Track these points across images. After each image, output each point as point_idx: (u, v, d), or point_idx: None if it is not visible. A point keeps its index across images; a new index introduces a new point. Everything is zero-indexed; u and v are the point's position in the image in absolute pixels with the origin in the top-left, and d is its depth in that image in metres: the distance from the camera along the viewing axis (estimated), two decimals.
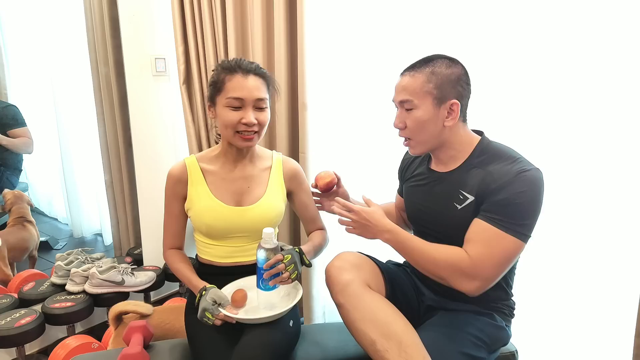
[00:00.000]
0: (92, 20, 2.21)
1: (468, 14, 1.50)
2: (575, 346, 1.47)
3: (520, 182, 1.05)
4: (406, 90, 1.15)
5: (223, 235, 1.30)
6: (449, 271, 1.10)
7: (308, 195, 1.44)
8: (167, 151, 2.38)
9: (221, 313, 1.15)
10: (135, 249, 2.43)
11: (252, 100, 1.22)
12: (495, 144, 1.19)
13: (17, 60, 2.22)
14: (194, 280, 1.27)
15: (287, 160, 1.41)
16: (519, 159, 1.11)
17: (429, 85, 1.12)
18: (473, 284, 1.08)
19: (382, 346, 1.03)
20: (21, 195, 2.16)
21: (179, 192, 1.31)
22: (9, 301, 1.91)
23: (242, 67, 1.23)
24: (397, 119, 1.20)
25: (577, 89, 1.36)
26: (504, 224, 1.06)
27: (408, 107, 1.15)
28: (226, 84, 1.22)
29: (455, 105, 1.13)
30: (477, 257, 1.07)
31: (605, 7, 1.28)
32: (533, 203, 1.06)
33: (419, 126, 1.15)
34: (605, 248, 1.38)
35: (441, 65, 1.13)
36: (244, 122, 1.21)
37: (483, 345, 1.13)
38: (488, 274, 1.08)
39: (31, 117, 2.18)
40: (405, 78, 1.17)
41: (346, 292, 1.11)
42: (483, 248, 1.07)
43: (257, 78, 1.23)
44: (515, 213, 1.06)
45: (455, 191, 1.16)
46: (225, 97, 1.21)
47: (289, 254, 1.16)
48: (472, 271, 1.07)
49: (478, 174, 1.13)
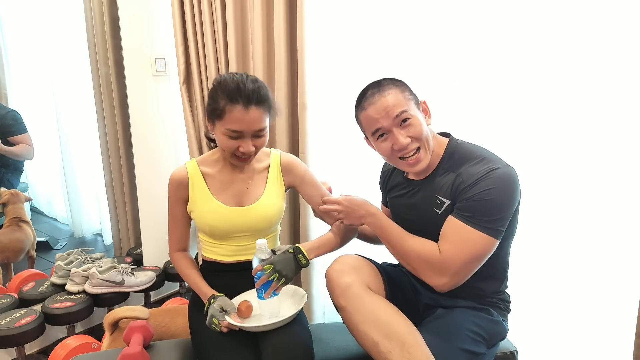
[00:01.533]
0: (92, 20, 2.22)
1: (467, 14, 1.50)
2: (575, 346, 1.47)
3: (489, 179, 1.08)
4: (395, 105, 1.13)
5: (226, 235, 1.32)
6: (419, 263, 1.13)
7: (313, 186, 1.39)
8: (167, 151, 2.38)
9: (225, 321, 1.18)
10: (135, 249, 2.43)
11: (250, 132, 1.21)
12: (464, 144, 1.21)
13: (17, 61, 2.22)
14: (204, 288, 1.31)
15: (283, 155, 1.40)
16: (487, 157, 1.13)
17: (405, 94, 1.16)
18: (441, 280, 1.10)
19: (385, 347, 1.03)
20: (17, 194, 2.15)
21: (181, 196, 1.33)
22: (9, 301, 1.91)
23: (243, 96, 1.17)
24: (400, 137, 1.13)
25: (577, 89, 1.37)
26: (473, 220, 1.07)
27: (405, 117, 1.13)
28: (226, 114, 1.18)
29: (424, 103, 1.20)
30: (446, 253, 1.09)
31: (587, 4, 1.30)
32: (502, 199, 1.08)
33: (422, 130, 1.15)
34: (606, 248, 1.38)
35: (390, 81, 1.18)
36: (241, 151, 1.22)
37: (482, 340, 1.14)
38: (456, 269, 1.09)
39: (31, 117, 2.18)
40: (382, 100, 1.14)
41: (347, 295, 1.11)
42: (452, 243, 1.09)
43: (258, 109, 1.19)
44: (484, 209, 1.07)
45: (432, 197, 1.18)
46: (224, 127, 1.19)
47: (270, 264, 1.16)
48: (441, 266, 1.09)
49: (450, 177, 1.16)
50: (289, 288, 1.31)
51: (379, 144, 1.18)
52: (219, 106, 1.19)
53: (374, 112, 1.15)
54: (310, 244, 1.27)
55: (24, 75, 2.25)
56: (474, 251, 1.08)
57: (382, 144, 1.17)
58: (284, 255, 1.20)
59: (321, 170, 1.82)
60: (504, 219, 1.09)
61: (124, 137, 2.33)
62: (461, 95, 1.53)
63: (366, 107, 1.17)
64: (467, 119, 1.53)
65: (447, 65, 1.55)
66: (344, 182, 1.70)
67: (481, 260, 1.11)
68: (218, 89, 1.21)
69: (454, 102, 1.55)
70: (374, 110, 1.15)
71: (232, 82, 1.19)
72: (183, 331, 1.58)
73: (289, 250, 1.22)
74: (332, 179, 1.55)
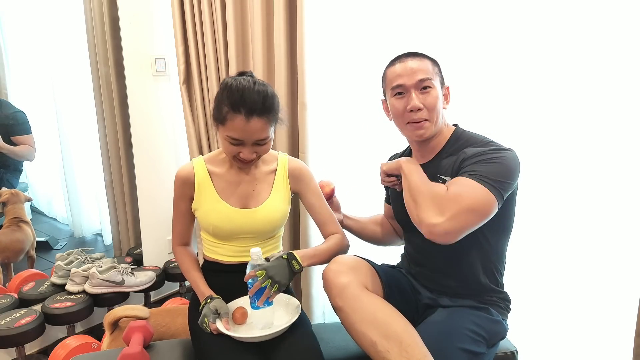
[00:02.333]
0: (92, 20, 2.22)
1: (467, 14, 1.51)
2: (575, 346, 1.47)
3: (493, 153, 1.13)
4: (422, 70, 1.19)
5: (229, 235, 1.32)
6: (425, 198, 1.12)
7: (316, 196, 1.39)
8: (167, 151, 2.38)
9: (213, 324, 1.17)
10: (135, 249, 2.43)
11: (252, 141, 1.21)
12: (469, 132, 1.25)
13: (17, 60, 2.22)
14: (202, 287, 1.31)
15: (292, 161, 1.40)
16: (491, 142, 1.18)
17: (436, 69, 1.23)
18: (437, 218, 1.06)
19: (383, 347, 1.03)
20: (18, 194, 2.15)
21: (186, 193, 1.33)
22: (9, 301, 1.91)
23: (246, 107, 1.15)
24: (416, 99, 1.19)
25: (576, 88, 1.37)
26: (477, 177, 1.09)
27: (426, 85, 1.19)
28: (228, 121, 1.18)
29: (448, 90, 1.25)
30: (452, 193, 1.09)
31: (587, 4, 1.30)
32: (506, 167, 1.10)
33: (437, 105, 1.21)
34: (606, 248, 1.39)
35: (428, 57, 1.24)
36: (241, 157, 1.23)
37: (482, 340, 1.14)
38: (454, 213, 1.06)
39: (31, 117, 2.17)
40: (413, 61, 1.21)
41: (344, 295, 1.11)
42: (458, 188, 1.09)
43: (260, 119, 1.17)
44: (488, 170, 1.09)
45: (435, 177, 1.21)
46: (225, 133, 1.20)
47: (263, 270, 1.14)
48: (444, 203, 1.08)
49: (452, 159, 1.20)
50: (283, 297, 1.28)
51: (394, 102, 1.23)
52: (222, 113, 1.19)
53: (401, 69, 1.21)
54: (304, 251, 1.26)
55: (24, 75, 2.25)
56: (474, 201, 1.06)
57: (397, 102, 1.23)
58: (278, 261, 1.18)
59: (321, 170, 1.82)
60: (506, 185, 1.10)
61: (124, 137, 2.33)
62: (461, 95, 1.53)
63: (396, 64, 1.24)
64: (467, 119, 1.53)
65: (447, 62, 1.55)
66: (344, 182, 1.70)
67: (479, 216, 1.08)
68: (223, 94, 1.20)
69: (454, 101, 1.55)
70: (401, 67, 1.22)
71: (237, 90, 1.17)
72: (183, 331, 1.58)
73: (282, 256, 1.20)
74: (332, 179, 1.55)
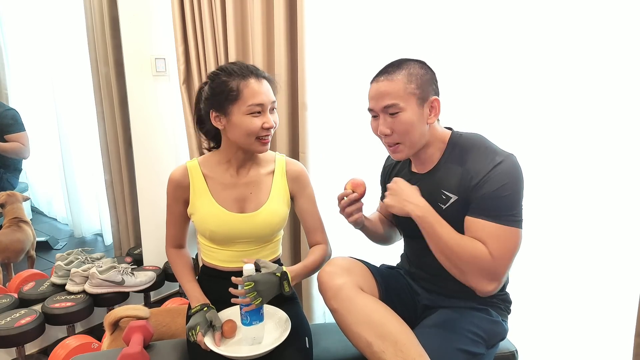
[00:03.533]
0: (92, 20, 2.22)
1: (466, 14, 1.50)
2: (575, 346, 1.47)
3: (499, 175, 1.07)
4: (389, 94, 1.12)
5: (227, 240, 1.30)
6: (470, 266, 1.06)
7: (310, 201, 1.37)
8: (167, 151, 2.38)
9: (201, 337, 1.14)
10: (135, 249, 2.43)
11: (269, 103, 1.23)
12: (466, 134, 1.21)
13: (17, 60, 2.22)
14: (196, 292, 1.29)
15: (290, 162, 1.37)
16: (489, 147, 1.14)
17: (411, 86, 1.12)
18: (491, 285, 1.06)
19: (379, 347, 1.03)
20: (14, 194, 2.15)
21: (180, 196, 1.31)
22: (9, 301, 1.91)
23: (250, 71, 1.22)
24: (382, 126, 1.15)
25: (576, 88, 1.37)
26: (503, 218, 1.06)
27: (393, 111, 1.13)
28: (243, 91, 1.19)
29: (436, 102, 1.15)
30: (498, 255, 1.05)
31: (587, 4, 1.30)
32: (517, 191, 1.09)
33: (409, 128, 1.13)
34: (606, 248, 1.38)
35: (414, 66, 1.14)
36: (266, 127, 1.22)
37: (480, 340, 1.13)
38: (504, 272, 1.08)
39: (31, 117, 2.18)
40: (382, 83, 1.14)
41: (339, 297, 1.10)
42: (498, 245, 1.05)
43: (266, 81, 1.24)
44: (507, 205, 1.07)
45: (437, 192, 1.17)
46: (246, 105, 1.19)
47: (252, 282, 1.12)
48: (493, 269, 1.06)
49: (455, 171, 1.15)
50: (271, 310, 1.25)
51: (371, 122, 1.22)
52: (232, 88, 1.19)
53: (373, 92, 1.17)
54: (296, 271, 1.24)
55: (24, 74, 2.25)
56: (515, 248, 1.07)
57: (372, 123, 1.21)
58: (269, 277, 1.16)
59: (321, 170, 1.82)
60: (521, 207, 1.11)
61: (124, 137, 2.33)
62: (461, 94, 1.53)
63: (372, 83, 1.18)
64: (467, 119, 1.53)
65: (447, 62, 1.55)
66: (343, 182, 1.70)
67: (516, 253, 1.10)
68: (222, 76, 1.22)
69: (453, 101, 1.55)
70: (373, 90, 1.17)
71: (233, 65, 1.24)
72: (183, 331, 1.57)
73: (276, 273, 1.18)
74: (331, 179, 1.55)
